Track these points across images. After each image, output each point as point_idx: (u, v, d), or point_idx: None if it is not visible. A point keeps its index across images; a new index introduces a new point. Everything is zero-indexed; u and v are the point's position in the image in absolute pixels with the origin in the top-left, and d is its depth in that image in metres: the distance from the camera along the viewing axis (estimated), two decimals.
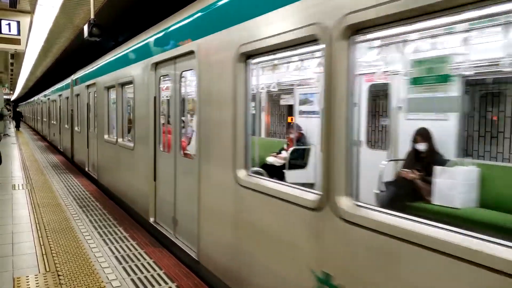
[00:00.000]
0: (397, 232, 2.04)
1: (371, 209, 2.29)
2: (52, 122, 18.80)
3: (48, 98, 20.04)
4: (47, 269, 4.22)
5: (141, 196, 6.00)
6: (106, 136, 8.34)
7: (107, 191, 8.17)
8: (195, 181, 4.16)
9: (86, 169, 10.59)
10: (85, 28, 7.06)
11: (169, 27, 4.94)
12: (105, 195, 7.92)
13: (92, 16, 7.13)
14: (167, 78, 5.56)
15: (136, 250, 4.84)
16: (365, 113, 6.14)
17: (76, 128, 12.27)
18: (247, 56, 3.32)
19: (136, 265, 4.37)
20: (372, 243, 2.19)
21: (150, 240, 5.22)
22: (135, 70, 6.15)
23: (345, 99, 2.34)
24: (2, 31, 9.65)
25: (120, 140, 7.31)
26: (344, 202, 2.36)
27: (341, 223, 2.36)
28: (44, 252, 4.69)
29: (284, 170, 6.11)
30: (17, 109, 33.17)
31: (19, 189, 8.39)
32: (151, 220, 5.55)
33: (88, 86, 10.28)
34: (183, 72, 4.78)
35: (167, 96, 7.05)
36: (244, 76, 3.37)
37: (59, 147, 16.33)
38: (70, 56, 16.01)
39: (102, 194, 8.07)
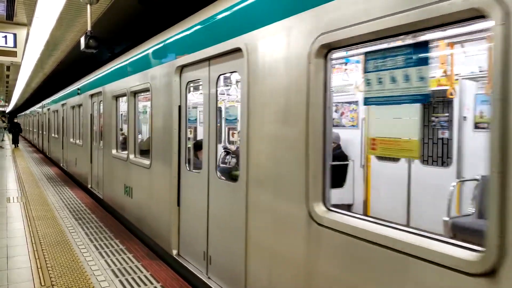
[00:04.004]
0: None
1: None
2: (53, 135, 16.97)
3: (48, 109, 18.47)
4: (42, 283, 4.16)
5: (160, 224, 5.12)
6: (114, 151, 7.46)
7: (115, 213, 7.28)
8: (240, 211, 3.34)
9: (89, 186, 9.64)
10: (82, 40, 7.07)
11: (202, 23, 4.13)
12: (114, 217, 7.03)
13: (89, 28, 7.16)
14: (197, 84, 4.93)
15: (133, 263, 4.79)
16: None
17: (77, 141, 11.29)
18: (329, 49, 2.53)
19: (133, 278, 4.32)
20: None
21: (147, 253, 5.16)
22: (153, 76, 5.35)
23: None
24: None
25: (132, 156, 6.43)
26: None
27: None
28: (39, 266, 4.63)
29: None
30: (15, 120, 27.85)
31: (14, 202, 8.30)
32: (174, 253, 4.68)
33: (92, 96, 9.36)
34: (221, 76, 4.01)
35: (194, 105, 6.66)
36: (323, 76, 2.55)
37: (61, 164, 14.32)
38: (67, 68, 16.03)
39: (98, 207, 8.00)
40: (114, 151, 7.44)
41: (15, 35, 9.85)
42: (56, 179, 11.76)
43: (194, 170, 4.56)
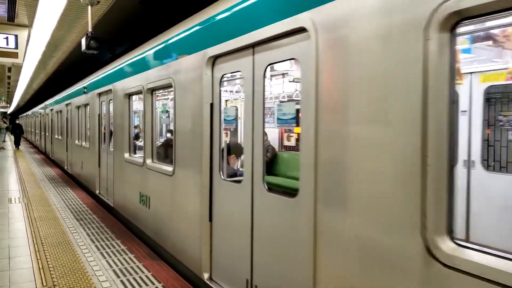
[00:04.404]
0: None
1: None
2: (56, 137, 16.13)
3: (51, 109, 17.56)
4: (44, 284, 4.17)
5: (186, 240, 4.42)
6: (126, 155, 6.72)
7: (128, 224, 6.55)
8: (303, 236, 2.69)
9: (97, 191, 8.88)
10: (83, 41, 7.10)
11: (243, 1, 3.43)
12: (127, 228, 6.37)
13: (89, 29, 7.18)
14: (235, 76, 4.40)
15: (134, 263, 4.80)
16: (480, 123, 4.72)
17: (84, 143, 10.57)
18: (458, 20, 1.86)
19: (134, 279, 4.33)
20: None
21: (148, 253, 5.17)
22: (176, 69, 4.65)
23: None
24: (0, 45, 9.69)
25: (149, 161, 5.66)
26: None
27: None
28: (41, 266, 4.64)
29: None
30: (16, 122, 27.39)
31: (15, 202, 8.32)
32: (205, 276, 4.00)
33: (100, 94, 8.56)
34: (269, 66, 3.35)
35: (231, 102, 6.21)
36: (449, 58, 1.90)
37: (66, 167, 13.63)
38: (68, 69, 16.07)
39: (99, 207, 8.02)
40: (126, 155, 6.72)
41: (16, 36, 9.89)
42: (58, 180, 11.78)
43: (229, 179, 3.93)
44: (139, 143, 7.32)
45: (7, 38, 9.79)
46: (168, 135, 9.02)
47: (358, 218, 2.27)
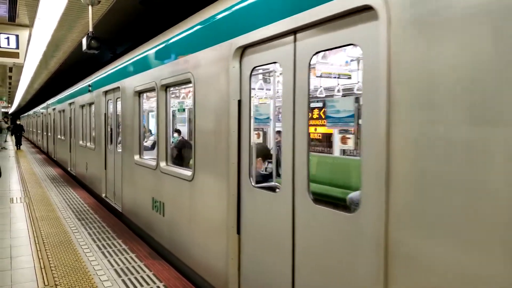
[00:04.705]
0: None
1: None
2: (59, 137, 15.58)
3: (54, 109, 17.03)
4: (46, 283, 4.19)
5: (208, 254, 4.01)
6: (137, 157, 6.22)
7: (139, 231, 6.06)
8: (368, 261, 2.25)
9: (103, 195, 8.38)
10: (84, 40, 7.11)
11: None
12: (137, 236, 5.84)
13: (90, 29, 7.19)
14: (269, 68, 4.04)
15: (136, 262, 4.81)
16: None
17: (88, 144, 10.09)
18: None
19: (135, 278, 4.34)
20: None
21: (149, 252, 5.19)
22: (196, 63, 4.19)
23: None
24: (1, 45, 9.72)
25: (163, 164, 5.18)
26: None
27: None
28: (42, 266, 4.66)
29: None
30: (17, 122, 26.68)
31: (17, 202, 8.34)
32: None
33: (106, 92, 8.09)
34: (315, 55, 2.82)
35: (262, 99, 5.71)
36: None
37: (69, 169, 13.17)
38: (69, 69, 16.09)
39: (101, 207, 8.04)
40: (136, 157, 6.22)
41: (17, 36, 9.92)
42: (59, 180, 11.81)
43: (259, 185, 3.51)
44: (144, 143, 7.11)
45: (8, 38, 9.82)
46: (175, 134, 8.87)
47: (455, 246, 1.78)
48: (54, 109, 17.03)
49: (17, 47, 9.94)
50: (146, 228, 5.77)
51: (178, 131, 9.31)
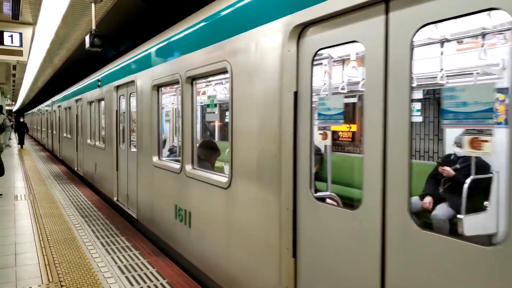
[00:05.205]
0: None
1: None
2: (65, 135, 14.94)
3: (59, 106, 16.24)
4: (50, 280, 4.22)
5: (251, 277, 3.35)
6: (155, 159, 5.59)
7: (158, 241, 5.49)
8: None
9: (115, 199, 7.73)
10: (87, 38, 7.13)
11: None
12: (156, 246, 5.28)
13: (93, 27, 7.20)
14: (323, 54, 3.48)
15: (139, 259, 4.83)
16: None
17: (97, 143, 9.49)
18: None
19: (139, 275, 4.36)
20: None
21: (152, 249, 5.21)
22: (234, 49, 3.52)
23: None
24: (5, 43, 9.73)
25: (188, 168, 4.56)
26: None
27: None
28: (47, 263, 4.69)
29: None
30: (21, 119, 25.67)
31: (21, 199, 8.39)
32: None
33: (118, 87, 7.50)
34: (420, 30, 2.09)
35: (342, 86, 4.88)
36: None
37: (76, 168, 12.58)
38: (72, 66, 16.14)
39: (104, 204, 8.07)
40: (155, 159, 5.59)
41: (21, 34, 9.93)
42: (63, 177, 11.86)
43: (319, 195, 2.89)
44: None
45: (11, 36, 9.84)
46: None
47: None
48: (59, 106, 16.46)
49: (21, 45, 9.95)
50: (166, 239, 5.17)
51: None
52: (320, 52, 2.75)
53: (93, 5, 7.13)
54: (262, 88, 3.15)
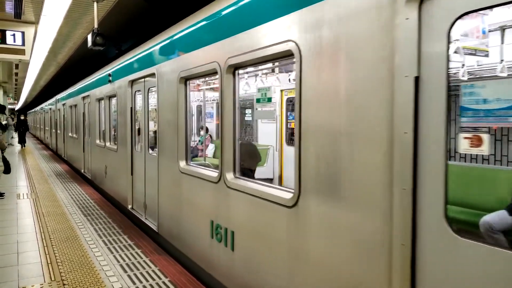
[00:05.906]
0: None
1: None
2: (70, 135, 14.07)
3: (64, 104, 15.33)
4: (52, 278, 4.22)
5: None
6: (183, 164, 4.77)
7: (182, 260, 4.77)
8: None
9: (129, 207, 6.95)
10: (89, 37, 7.13)
11: None
12: (184, 268, 4.51)
13: (95, 26, 7.21)
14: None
15: (141, 258, 4.83)
16: None
17: (108, 144, 8.70)
18: None
19: (141, 273, 4.36)
20: None
21: (155, 248, 5.21)
22: (306, 25, 2.71)
23: None
24: (7, 42, 9.76)
25: (230, 176, 3.75)
26: None
27: None
28: (49, 261, 4.70)
29: None
30: (22, 117, 25.07)
31: (23, 198, 8.41)
32: None
33: (133, 82, 6.70)
34: None
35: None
36: None
37: (83, 171, 11.81)
38: (75, 65, 16.16)
39: (106, 203, 8.08)
40: (182, 164, 4.78)
41: (23, 33, 9.95)
42: (65, 176, 11.88)
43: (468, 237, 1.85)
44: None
45: (14, 35, 9.86)
46: (202, 132, 7.95)
47: None
48: (64, 104, 15.53)
49: (23, 44, 9.97)
50: (198, 260, 4.39)
51: (206, 129, 8.75)
52: (463, 17, 1.85)
53: (95, 3, 7.13)
54: (355, 74, 2.34)
